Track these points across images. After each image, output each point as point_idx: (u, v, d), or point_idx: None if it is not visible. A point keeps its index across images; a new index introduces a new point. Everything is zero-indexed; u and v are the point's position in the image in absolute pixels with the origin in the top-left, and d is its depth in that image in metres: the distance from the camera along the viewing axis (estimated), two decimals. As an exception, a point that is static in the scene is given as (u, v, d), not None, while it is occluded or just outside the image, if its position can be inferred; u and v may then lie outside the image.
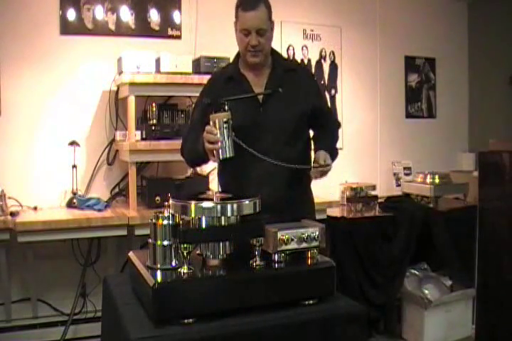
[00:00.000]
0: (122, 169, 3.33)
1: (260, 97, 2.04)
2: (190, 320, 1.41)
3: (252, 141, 1.89)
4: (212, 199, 1.54)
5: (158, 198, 2.95)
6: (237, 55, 2.12)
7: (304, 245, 1.57)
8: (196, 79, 3.01)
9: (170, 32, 3.47)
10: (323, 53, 4.01)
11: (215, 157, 1.84)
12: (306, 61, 3.92)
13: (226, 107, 1.82)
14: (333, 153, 2.08)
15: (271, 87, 2.03)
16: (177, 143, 2.93)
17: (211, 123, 1.83)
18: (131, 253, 1.71)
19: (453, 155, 4.49)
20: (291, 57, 3.80)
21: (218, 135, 1.80)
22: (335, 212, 3.45)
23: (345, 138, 4.05)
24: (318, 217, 2.22)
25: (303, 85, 2.10)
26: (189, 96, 3.25)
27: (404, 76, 4.36)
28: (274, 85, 2.02)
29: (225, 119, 1.80)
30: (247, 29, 1.96)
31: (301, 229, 1.57)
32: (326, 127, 2.19)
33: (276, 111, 2.02)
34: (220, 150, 1.81)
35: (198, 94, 2.23)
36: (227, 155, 1.82)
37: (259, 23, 1.95)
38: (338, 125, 2.30)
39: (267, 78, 2.07)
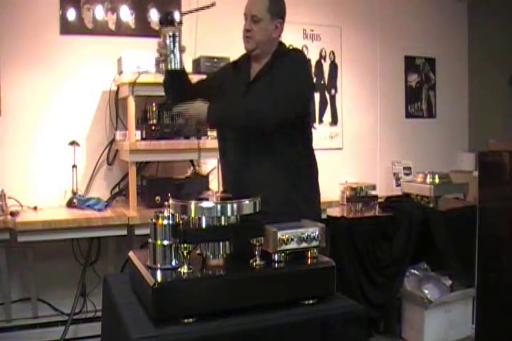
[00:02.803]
0: (122, 169, 3.33)
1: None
2: (191, 319, 1.41)
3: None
4: (212, 200, 1.54)
5: (158, 198, 2.96)
6: None
7: (304, 245, 1.56)
8: (196, 79, 2.99)
9: (170, 32, 3.47)
10: (323, 53, 4.01)
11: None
12: (306, 61, 3.93)
13: (175, 21, 1.94)
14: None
15: (260, 74, 2.08)
16: (177, 143, 2.96)
17: (161, 37, 1.96)
18: (131, 253, 1.71)
19: (453, 155, 4.50)
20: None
21: (167, 48, 1.93)
22: (335, 211, 3.44)
23: (345, 138, 4.06)
24: (318, 216, 2.22)
25: (284, 68, 2.02)
26: (189, 96, 3.25)
27: (404, 76, 4.36)
28: (263, 72, 2.08)
29: (171, 33, 1.93)
30: (245, 13, 2.08)
31: (301, 229, 1.57)
32: None
33: None
34: (169, 62, 1.94)
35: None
36: (175, 67, 1.94)
37: (254, 10, 2.04)
38: (288, 97, 1.94)
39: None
